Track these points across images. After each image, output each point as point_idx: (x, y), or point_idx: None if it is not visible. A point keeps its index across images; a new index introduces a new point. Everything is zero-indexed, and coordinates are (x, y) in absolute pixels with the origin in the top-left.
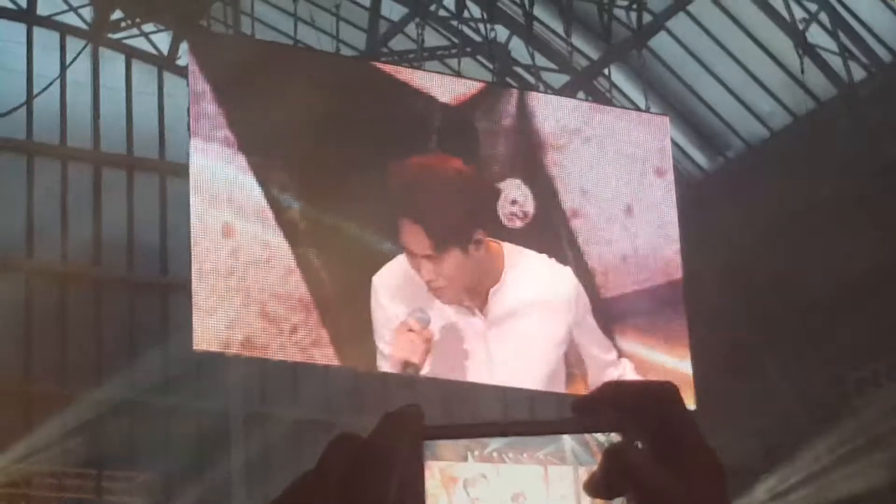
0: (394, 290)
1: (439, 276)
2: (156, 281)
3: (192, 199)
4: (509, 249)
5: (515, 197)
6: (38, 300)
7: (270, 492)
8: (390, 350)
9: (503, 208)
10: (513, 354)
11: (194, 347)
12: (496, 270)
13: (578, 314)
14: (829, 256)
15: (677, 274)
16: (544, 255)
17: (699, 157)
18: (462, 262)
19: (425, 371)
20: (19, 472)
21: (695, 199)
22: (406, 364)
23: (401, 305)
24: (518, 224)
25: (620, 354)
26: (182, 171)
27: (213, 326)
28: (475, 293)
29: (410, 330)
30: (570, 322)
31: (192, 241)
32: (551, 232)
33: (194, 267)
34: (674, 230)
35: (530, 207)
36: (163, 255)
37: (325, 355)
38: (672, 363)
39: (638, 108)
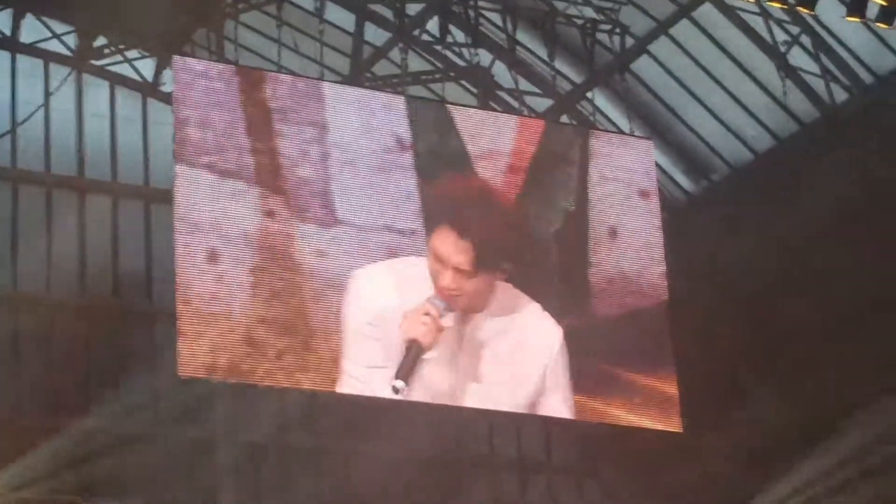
0: (392, 284)
1: (461, 288)
2: (142, 309)
3: (177, 226)
4: (501, 286)
5: None
6: (24, 330)
7: None
8: (400, 329)
9: None
10: (481, 380)
11: (179, 374)
12: (483, 298)
13: (554, 368)
14: (816, 277)
15: (663, 296)
16: (537, 304)
17: (683, 181)
18: (486, 286)
19: (429, 356)
20: (8, 500)
21: (679, 222)
22: (413, 342)
23: (401, 296)
24: None
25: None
26: (167, 197)
27: (198, 352)
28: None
29: (427, 314)
30: (546, 370)
31: (176, 267)
32: (539, 255)
33: (179, 293)
34: (659, 253)
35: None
36: (148, 283)
37: (312, 381)
38: (658, 385)
39: (621, 132)
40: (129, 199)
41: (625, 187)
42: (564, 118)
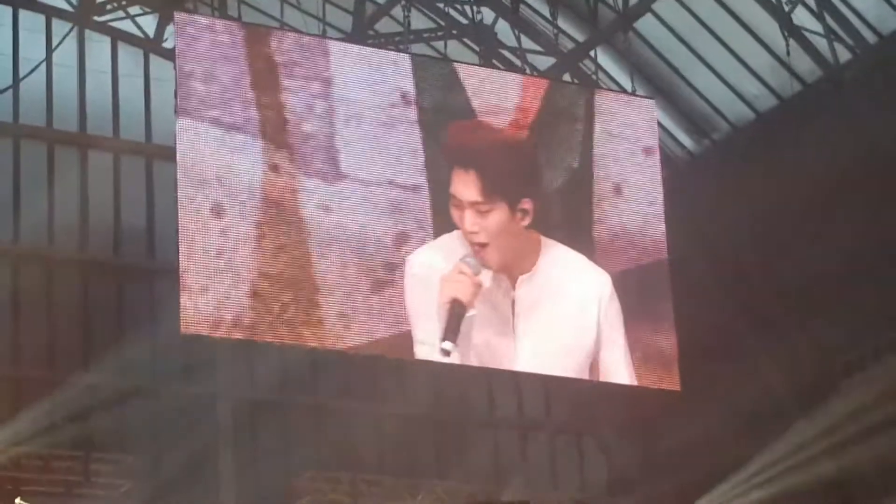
0: (433, 257)
1: (483, 229)
2: (143, 265)
3: (181, 179)
4: (546, 242)
5: None
6: (25, 285)
7: (259, 474)
8: (438, 294)
9: None
10: (538, 343)
11: (182, 328)
12: (531, 259)
13: (606, 315)
14: (816, 238)
15: (663, 254)
16: (582, 255)
17: (685, 140)
18: (506, 223)
19: (471, 313)
20: (8, 454)
21: (681, 180)
22: (454, 302)
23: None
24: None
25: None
26: (168, 154)
27: (201, 307)
28: (508, 269)
29: (461, 272)
30: (600, 319)
31: (180, 221)
32: (548, 210)
33: (183, 247)
34: (661, 210)
35: None
36: (150, 239)
37: (316, 335)
38: (658, 342)
39: (624, 91)
40: (131, 156)
41: (630, 144)
42: (567, 77)
